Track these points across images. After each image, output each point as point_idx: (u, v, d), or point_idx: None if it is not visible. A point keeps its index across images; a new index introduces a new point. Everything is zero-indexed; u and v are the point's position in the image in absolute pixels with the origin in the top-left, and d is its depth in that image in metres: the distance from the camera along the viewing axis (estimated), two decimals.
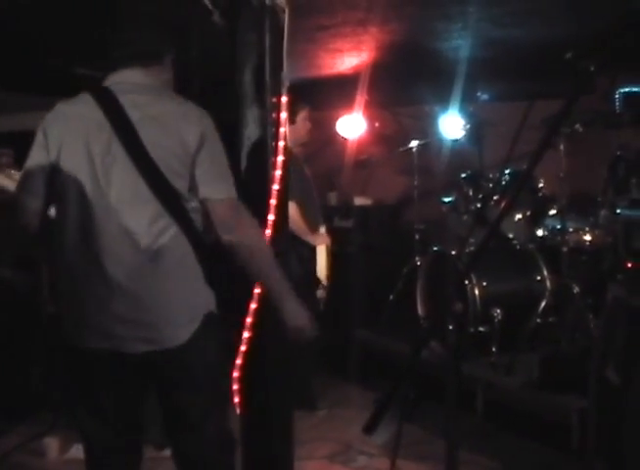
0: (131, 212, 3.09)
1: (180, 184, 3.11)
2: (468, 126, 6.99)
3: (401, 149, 7.31)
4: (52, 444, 5.32)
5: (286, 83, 4.36)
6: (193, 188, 3.13)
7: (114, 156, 3.09)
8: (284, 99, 4.16)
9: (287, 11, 4.28)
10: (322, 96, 7.37)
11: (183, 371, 3.21)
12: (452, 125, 7.14)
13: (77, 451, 5.07)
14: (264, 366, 4.03)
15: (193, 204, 3.16)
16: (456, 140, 7.21)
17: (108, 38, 3.34)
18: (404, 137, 7.45)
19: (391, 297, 6.94)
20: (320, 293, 5.96)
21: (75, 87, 3.29)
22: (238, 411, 3.88)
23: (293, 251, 5.38)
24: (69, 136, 3.16)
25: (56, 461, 5.28)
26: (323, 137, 8.05)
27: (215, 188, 3.15)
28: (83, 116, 3.17)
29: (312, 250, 5.98)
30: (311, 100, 6.35)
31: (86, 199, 3.11)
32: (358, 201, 8.14)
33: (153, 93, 3.26)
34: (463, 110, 7.02)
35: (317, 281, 5.98)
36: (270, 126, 4.08)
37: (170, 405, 3.29)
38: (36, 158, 3.22)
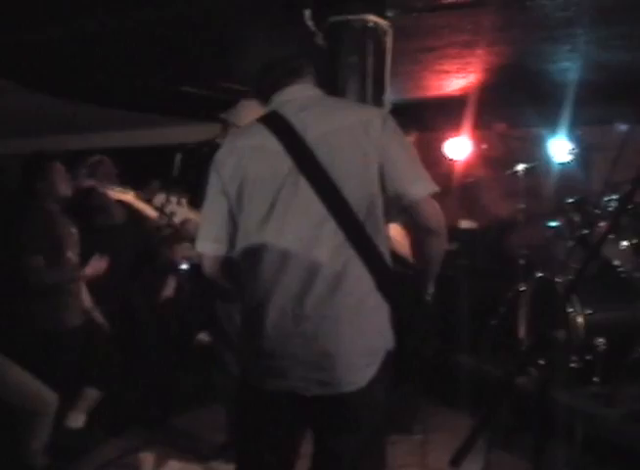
0: (313, 249, 2.89)
1: (366, 205, 2.89)
2: (576, 150, 6.87)
3: (508, 172, 7.20)
4: (147, 459, 5.36)
5: (388, 105, 4.34)
6: (391, 194, 2.90)
7: (297, 185, 2.90)
8: None
9: (390, 33, 4.28)
10: (429, 117, 7.33)
11: (350, 416, 2.97)
12: (560, 149, 7.02)
13: (171, 468, 5.16)
14: None
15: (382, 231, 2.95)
16: (564, 164, 7.08)
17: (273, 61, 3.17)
18: (511, 160, 7.35)
19: (493, 322, 6.84)
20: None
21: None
22: None
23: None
24: (248, 173, 2.98)
25: None
26: (429, 159, 7.95)
27: (416, 188, 2.90)
28: (258, 147, 3.00)
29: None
30: (418, 121, 6.31)
31: (271, 236, 2.93)
32: (464, 224, 8.05)
33: (329, 104, 3.11)
34: (571, 133, 6.90)
35: None
36: None
37: (325, 449, 3.07)
38: (214, 200, 3.06)
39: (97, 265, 5.16)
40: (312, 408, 2.97)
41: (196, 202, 3.45)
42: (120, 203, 5.01)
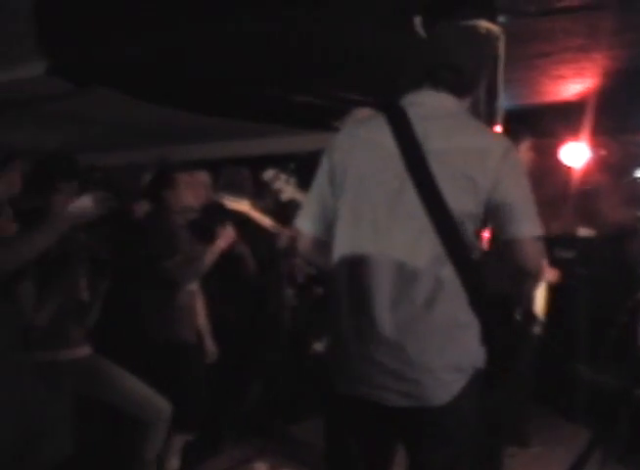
0: (413, 255, 2.84)
1: (468, 227, 2.83)
2: None
3: (627, 179, 7.04)
4: (261, 469, 5.39)
5: (501, 112, 4.28)
6: (496, 226, 2.88)
7: (403, 190, 2.85)
8: (498, 128, 4.07)
9: (502, 38, 4.21)
10: (545, 124, 7.21)
11: (438, 432, 2.93)
12: None
13: None
14: None
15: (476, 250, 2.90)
16: None
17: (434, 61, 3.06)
18: (630, 166, 7.18)
19: (613, 331, 6.67)
20: (536, 329, 5.77)
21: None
22: None
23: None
24: (357, 163, 2.95)
25: None
26: (545, 165, 7.85)
27: (522, 227, 2.84)
28: (373, 142, 2.95)
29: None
30: (534, 127, 6.21)
31: (367, 233, 2.91)
32: (582, 232, 7.88)
33: (456, 120, 2.97)
34: None
35: (533, 317, 5.80)
36: None
37: (415, 463, 3.03)
38: (320, 185, 3.06)
39: (227, 235, 5.15)
40: (398, 420, 2.94)
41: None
42: (237, 213, 5.05)
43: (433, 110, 2.94)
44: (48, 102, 4.08)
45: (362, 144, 2.97)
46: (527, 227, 2.85)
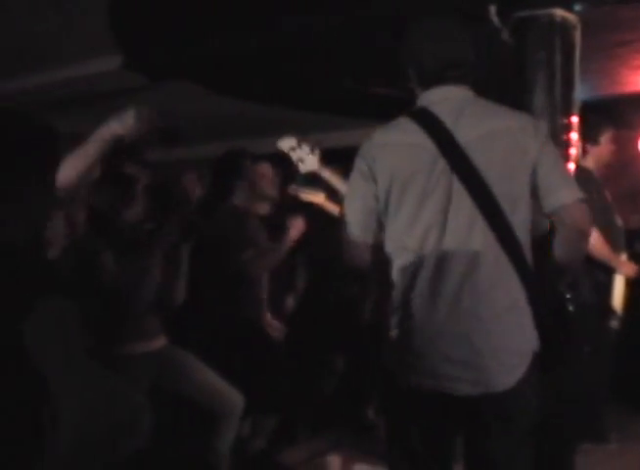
0: (467, 246, 2.95)
1: (519, 209, 2.96)
2: None
3: None
4: (335, 462, 5.38)
5: (577, 103, 4.20)
6: (542, 196, 2.98)
7: (448, 184, 2.95)
8: (575, 119, 4.00)
9: (578, 27, 4.13)
10: (625, 114, 7.08)
11: (502, 417, 3.01)
12: None
13: None
14: (548, 398, 3.88)
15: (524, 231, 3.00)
16: None
17: (437, 57, 3.10)
18: None
19: None
20: (614, 323, 5.66)
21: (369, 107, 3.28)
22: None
23: (587, 276, 5.16)
24: (400, 166, 3.01)
25: None
26: (625, 157, 7.70)
27: (566, 193, 2.98)
28: (410, 144, 3.03)
29: (610, 276, 5.71)
30: (614, 118, 6.10)
31: (423, 233, 2.99)
32: None
33: (482, 108, 3.09)
34: None
35: (611, 311, 5.69)
36: (561, 147, 3.94)
37: (477, 450, 3.11)
38: (363, 190, 3.10)
39: (298, 225, 5.14)
40: (462, 408, 3.00)
41: None
42: (312, 205, 5.03)
43: (456, 103, 3.04)
44: (122, 95, 4.12)
45: (399, 148, 3.05)
46: (571, 192, 2.97)
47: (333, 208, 4.49)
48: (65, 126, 3.16)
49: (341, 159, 4.78)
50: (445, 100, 3.06)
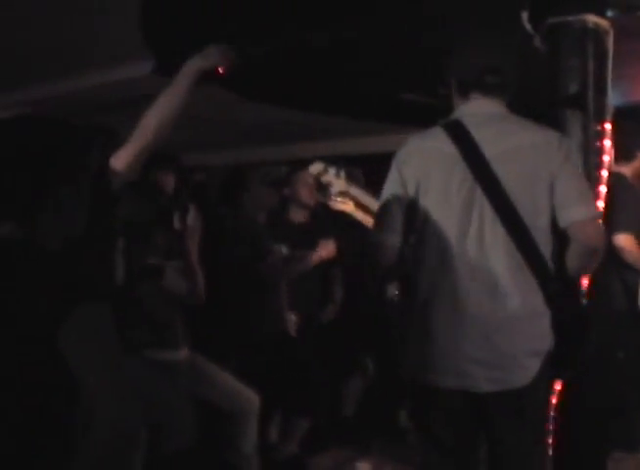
0: (487, 252, 3.13)
1: (535, 218, 3.13)
2: None
3: None
4: (364, 468, 5.38)
5: (610, 109, 4.19)
6: (559, 210, 3.13)
7: (471, 192, 3.14)
8: (608, 126, 4.00)
9: (611, 33, 4.11)
10: None
11: (518, 411, 3.21)
12: None
13: None
14: (579, 404, 3.88)
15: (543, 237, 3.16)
16: None
17: (478, 64, 3.38)
18: None
19: None
20: None
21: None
22: (550, 452, 3.75)
23: (619, 280, 5.15)
24: (427, 172, 3.21)
25: None
26: None
27: (581, 209, 3.12)
28: (437, 152, 3.23)
29: None
30: None
31: (444, 237, 3.16)
32: None
33: (510, 124, 3.29)
34: None
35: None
36: (593, 154, 3.94)
37: (495, 443, 3.31)
38: (393, 194, 3.28)
39: (328, 247, 5.18)
40: (482, 404, 3.22)
41: None
42: (341, 213, 5.06)
43: (485, 117, 3.27)
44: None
45: (427, 153, 3.27)
46: (586, 209, 3.13)
47: (362, 216, 4.54)
48: None
49: (371, 165, 4.81)
50: (479, 114, 3.26)
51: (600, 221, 3.20)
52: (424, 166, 3.22)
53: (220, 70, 3.56)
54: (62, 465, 2.14)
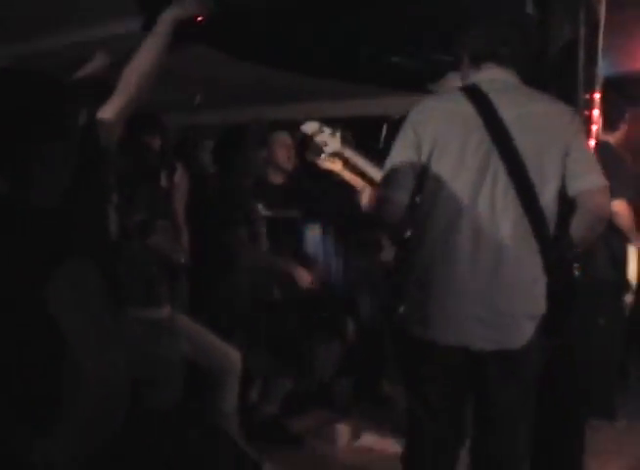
0: (497, 214, 3.21)
1: (548, 186, 3.22)
2: None
3: None
4: (343, 430, 5.42)
5: (600, 79, 4.19)
6: (570, 178, 3.22)
7: (487, 155, 3.20)
8: (597, 96, 4.00)
9: (603, 2, 4.10)
10: None
11: (513, 370, 3.33)
12: None
13: (366, 440, 5.19)
14: (560, 372, 3.91)
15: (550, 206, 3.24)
16: None
17: (485, 35, 3.44)
18: None
19: None
20: (628, 297, 5.67)
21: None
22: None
23: (606, 249, 5.19)
24: (444, 133, 3.24)
25: (345, 448, 5.36)
26: None
27: (593, 178, 3.22)
28: (456, 113, 3.27)
29: (625, 248, 5.69)
30: (633, 96, 6.09)
31: (456, 197, 3.21)
32: None
33: (525, 92, 3.38)
34: None
35: (627, 285, 5.70)
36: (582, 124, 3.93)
37: (488, 400, 3.40)
38: (406, 154, 3.28)
39: (305, 279, 5.22)
40: (479, 364, 3.30)
41: None
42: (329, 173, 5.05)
43: (502, 84, 3.33)
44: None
45: (446, 114, 3.30)
46: (597, 178, 3.22)
47: (349, 176, 4.53)
48: None
49: (359, 127, 4.79)
50: (493, 80, 3.31)
51: (608, 191, 3.25)
52: (441, 127, 3.25)
53: (199, 19, 3.49)
54: (48, 421, 2.14)
